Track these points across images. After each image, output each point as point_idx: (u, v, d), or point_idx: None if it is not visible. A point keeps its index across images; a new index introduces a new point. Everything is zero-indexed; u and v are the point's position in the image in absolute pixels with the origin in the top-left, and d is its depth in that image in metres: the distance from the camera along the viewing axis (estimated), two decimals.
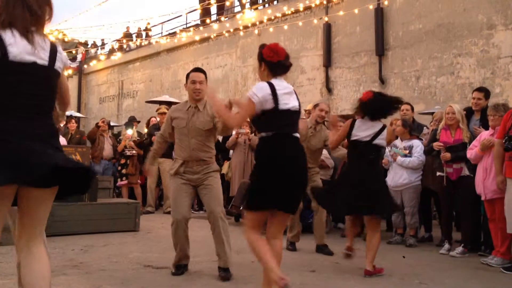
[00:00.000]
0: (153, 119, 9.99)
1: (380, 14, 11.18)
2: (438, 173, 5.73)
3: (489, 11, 9.42)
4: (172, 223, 4.22)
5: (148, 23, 19.95)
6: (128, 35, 20.19)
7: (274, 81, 3.19)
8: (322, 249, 5.50)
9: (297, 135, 3.24)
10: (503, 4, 9.21)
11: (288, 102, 3.17)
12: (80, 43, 20.40)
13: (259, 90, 3.13)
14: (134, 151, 9.00)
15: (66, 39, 17.26)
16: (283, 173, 3.08)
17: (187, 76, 4.33)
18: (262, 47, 3.30)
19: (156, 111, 9.50)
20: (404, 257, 5.00)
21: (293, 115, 3.22)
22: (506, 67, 9.11)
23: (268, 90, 3.12)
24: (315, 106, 5.83)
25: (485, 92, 5.93)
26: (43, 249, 2.32)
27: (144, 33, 20.34)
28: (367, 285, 4.12)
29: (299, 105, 3.30)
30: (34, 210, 2.30)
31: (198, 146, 4.20)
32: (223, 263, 4.14)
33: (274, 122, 3.13)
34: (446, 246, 5.60)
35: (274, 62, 3.22)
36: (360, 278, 4.32)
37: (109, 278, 4.07)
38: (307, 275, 4.34)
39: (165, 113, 9.12)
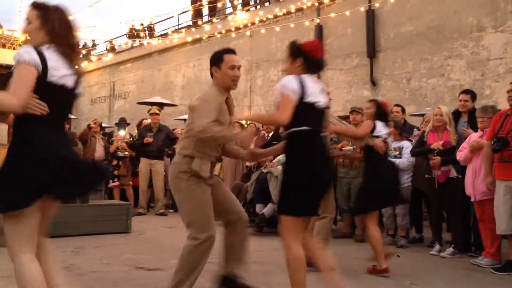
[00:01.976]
0: (144, 120, 9.97)
1: (371, 16, 11.24)
2: (426, 175, 5.77)
3: (478, 13, 9.50)
4: (202, 241, 3.24)
5: (152, 19, 19.61)
6: (132, 34, 19.81)
7: (304, 76, 3.13)
8: None
9: (325, 134, 3.17)
10: (493, 7, 9.30)
11: (317, 97, 3.10)
12: None
13: (288, 84, 3.05)
14: (126, 153, 8.97)
15: None
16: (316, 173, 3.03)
17: (219, 58, 3.49)
18: (296, 42, 3.26)
19: (148, 112, 9.48)
20: (398, 256, 5.00)
21: (320, 111, 3.16)
22: (496, 69, 9.20)
23: (296, 82, 3.05)
24: None
25: (472, 94, 6.00)
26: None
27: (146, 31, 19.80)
28: (358, 285, 4.14)
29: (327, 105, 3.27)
30: (51, 214, 2.62)
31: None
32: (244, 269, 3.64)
33: (302, 116, 3.03)
34: (437, 247, 5.64)
35: (314, 59, 3.19)
36: (351, 278, 4.35)
37: (100, 280, 4.06)
38: None
39: (157, 114, 9.12)
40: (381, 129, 4.70)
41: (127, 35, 19.74)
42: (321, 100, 3.14)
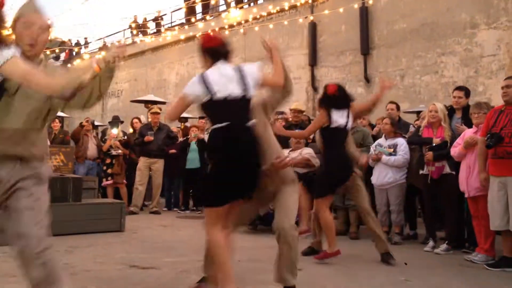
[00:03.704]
0: (135, 119, 9.95)
1: (365, 13, 11.25)
2: (420, 172, 5.78)
3: (472, 10, 9.53)
4: None
5: (159, 11, 19.16)
6: (137, 26, 19.44)
7: (209, 70, 3.16)
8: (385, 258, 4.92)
9: (248, 124, 3.09)
10: (486, 4, 9.33)
11: (225, 89, 3.05)
12: (64, 42, 20.15)
13: (188, 87, 3.15)
14: (119, 151, 8.93)
15: (49, 38, 17.05)
16: (229, 163, 3.02)
17: None
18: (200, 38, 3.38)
19: (149, 111, 9.47)
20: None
21: (232, 103, 3.06)
22: (489, 65, 9.23)
23: (197, 83, 3.09)
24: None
25: (465, 91, 6.01)
26: None
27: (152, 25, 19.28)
28: (353, 282, 4.14)
29: (245, 91, 3.09)
30: None
31: None
32: (281, 281, 3.51)
33: (213, 114, 3.11)
34: (431, 243, 5.65)
35: (210, 49, 3.22)
36: (346, 276, 4.35)
37: (94, 279, 4.03)
38: None
39: (157, 113, 9.12)
40: (337, 117, 4.68)
41: (131, 30, 19.40)
42: (230, 90, 3.06)
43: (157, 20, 19.09)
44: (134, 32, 18.85)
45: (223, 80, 3.08)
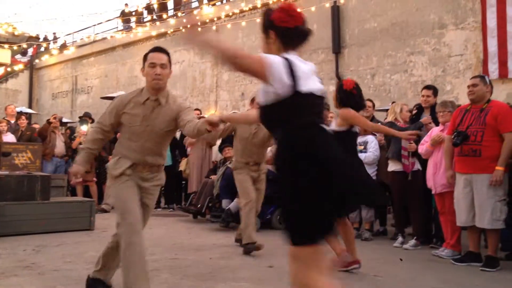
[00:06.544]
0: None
1: (336, 12, 11.35)
2: (390, 169, 5.87)
3: (440, 10, 9.73)
4: (120, 232, 3.27)
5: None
6: (127, 14, 18.71)
7: (289, 56, 2.31)
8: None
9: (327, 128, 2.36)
10: (454, 4, 9.53)
11: (311, 83, 2.32)
12: (31, 37, 19.70)
13: (273, 61, 2.19)
14: None
15: (16, 33, 16.65)
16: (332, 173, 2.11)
17: (145, 57, 3.40)
18: (269, 11, 2.43)
19: None
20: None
21: (318, 100, 2.33)
22: (456, 65, 9.44)
23: (282, 64, 2.20)
24: (252, 100, 5.26)
25: (434, 90, 6.15)
26: None
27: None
28: None
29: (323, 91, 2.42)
30: None
31: (152, 150, 3.30)
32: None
33: (298, 109, 2.21)
34: (400, 239, 5.75)
35: (290, 28, 2.37)
36: None
37: (63, 278, 3.96)
38: (265, 270, 4.37)
39: None
40: None
41: (122, 19, 18.71)
42: (316, 85, 2.36)
43: (148, 8, 18.33)
44: (105, 27, 18.48)
45: (308, 70, 2.38)
